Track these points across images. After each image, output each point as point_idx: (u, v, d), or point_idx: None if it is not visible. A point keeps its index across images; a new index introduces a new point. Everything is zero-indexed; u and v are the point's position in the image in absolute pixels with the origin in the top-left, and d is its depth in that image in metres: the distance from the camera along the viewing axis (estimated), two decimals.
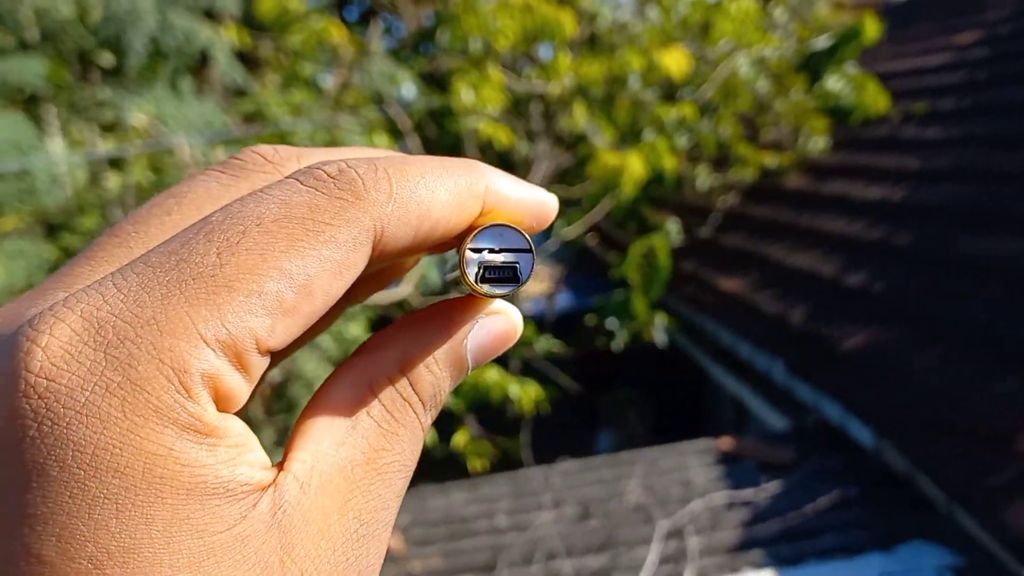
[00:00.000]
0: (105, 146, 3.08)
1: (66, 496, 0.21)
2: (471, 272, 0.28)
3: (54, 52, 3.18)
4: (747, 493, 2.33)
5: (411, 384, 0.29)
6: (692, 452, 2.68)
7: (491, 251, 0.29)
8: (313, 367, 2.96)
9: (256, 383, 0.26)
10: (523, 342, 3.80)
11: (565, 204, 4.39)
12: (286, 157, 0.32)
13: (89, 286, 0.23)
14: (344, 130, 2.74)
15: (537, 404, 3.50)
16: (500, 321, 0.32)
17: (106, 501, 0.21)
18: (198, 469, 0.23)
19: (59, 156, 2.62)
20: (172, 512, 0.22)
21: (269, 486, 0.25)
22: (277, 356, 0.29)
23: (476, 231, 0.29)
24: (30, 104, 3.17)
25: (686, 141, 4.07)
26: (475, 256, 0.28)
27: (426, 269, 3.74)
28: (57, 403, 0.22)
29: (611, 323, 3.70)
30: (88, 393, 0.22)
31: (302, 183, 0.26)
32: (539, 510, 2.51)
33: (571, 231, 4.01)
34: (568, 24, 3.31)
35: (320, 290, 0.25)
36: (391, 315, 3.81)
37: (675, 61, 3.45)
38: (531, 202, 0.31)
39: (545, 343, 3.87)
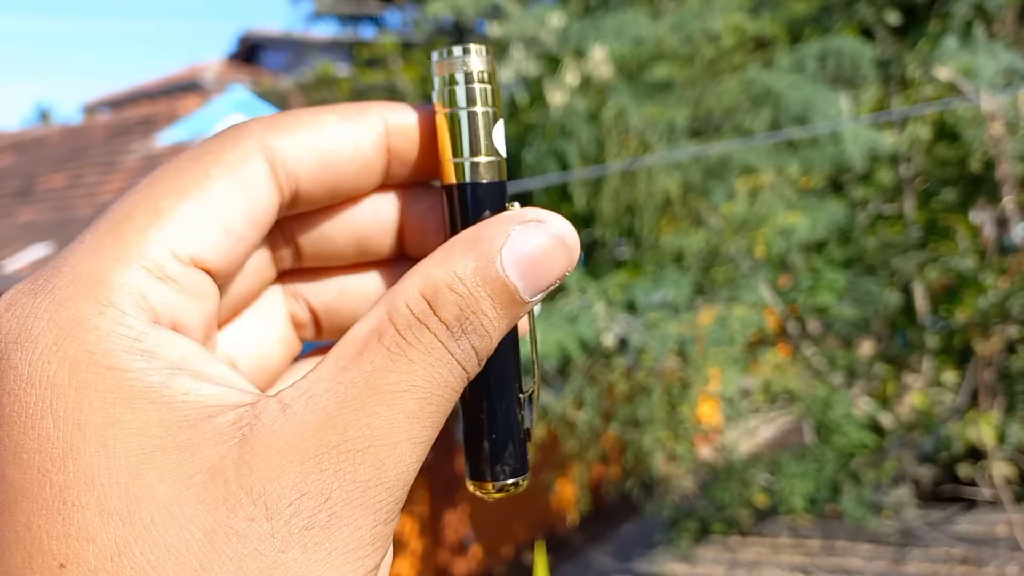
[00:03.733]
0: (897, 103, 3.16)
1: (14, 416, 0.24)
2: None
3: (847, 18, 3.35)
4: None
5: (430, 305, 0.26)
6: None
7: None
8: None
9: (202, 298, 0.28)
10: None
11: None
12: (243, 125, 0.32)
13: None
14: None
15: None
16: (538, 232, 0.27)
17: (43, 413, 0.23)
18: (124, 373, 0.24)
19: (860, 128, 2.77)
20: (101, 415, 0.23)
21: (244, 406, 0.25)
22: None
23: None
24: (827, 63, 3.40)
25: None
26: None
27: None
28: (8, 340, 0.25)
29: None
30: (19, 322, 0.25)
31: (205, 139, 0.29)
32: None
33: None
34: None
35: (215, 201, 0.27)
36: None
37: None
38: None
39: None
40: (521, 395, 0.30)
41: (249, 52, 11.83)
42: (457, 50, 0.29)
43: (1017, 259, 2.74)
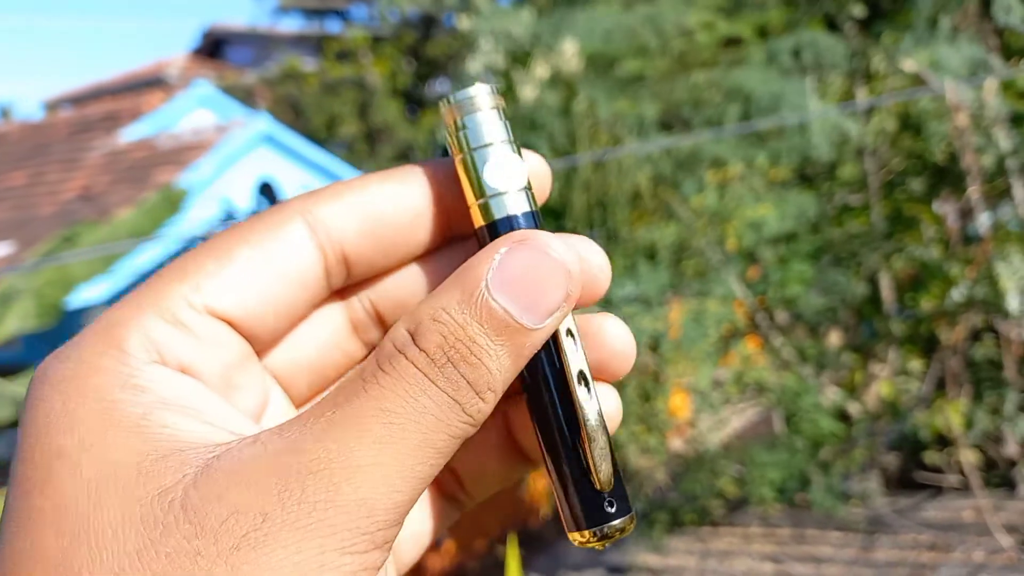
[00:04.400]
0: (862, 95, 3.19)
1: (21, 449, 0.26)
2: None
3: (814, 13, 3.38)
4: None
5: (412, 337, 0.26)
6: None
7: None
8: None
9: (219, 346, 0.29)
10: None
11: None
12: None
13: None
14: None
15: None
16: (524, 249, 0.26)
17: (37, 443, 0.26)
18: (109, 404, 0.26)
19: (826, 112, 2.80)
20: (78, 441, 0.25)
21: (222, 444, 0.26)
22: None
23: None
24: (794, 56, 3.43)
25: None
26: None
27: None
28: (38, 381, 0.27)
29: None
30: (52, 364, 0.27)
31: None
32: None
33: None
34: None
35: (242, 260, 0.29)
36: None
37: None
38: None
39: None
40: (584, 434, 0.29)
41: (213, 47, 11.70)
42: (461, 94, 0.30)
43: (981, 248, 2.79)
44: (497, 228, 0.29)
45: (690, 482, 3.41)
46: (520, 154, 0.30)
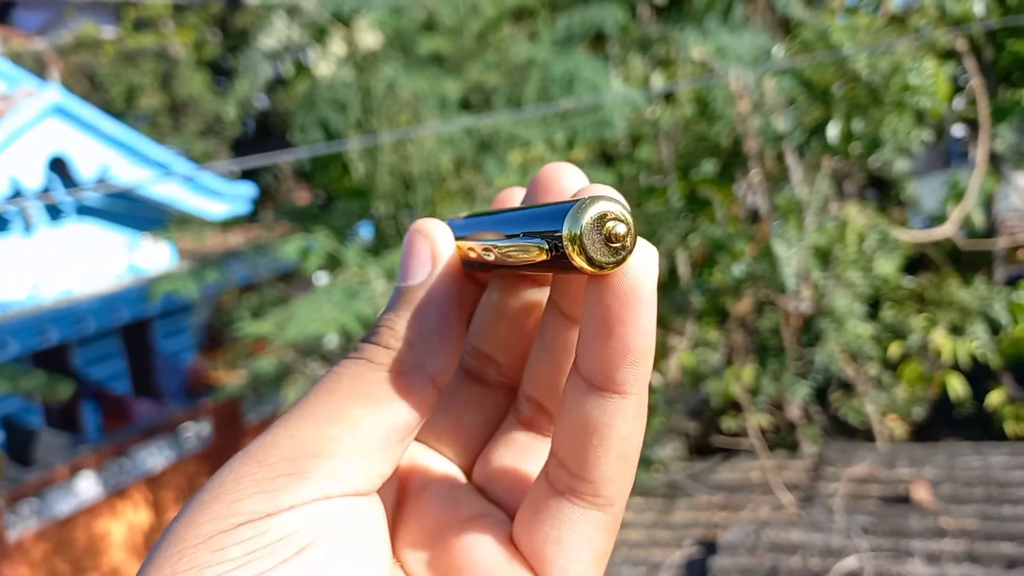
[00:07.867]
0: (658, 80, 3.32)
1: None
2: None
3: None
4: None
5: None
6: None
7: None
8: (845, 303, 2.92)
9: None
10: None
11: None
12: None
13: None
14: (902, 55, 2.58)
15: None
16: (408, 245, 0.31)
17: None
18: None
19: (622, 92, 2.89)
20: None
21: None
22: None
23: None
24: (597, 42, 3.52)
25: None
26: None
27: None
28: None
29: None
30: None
31: None
32: None
33: None
34: None
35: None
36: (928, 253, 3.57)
37: None
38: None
39: None
40: None
41: None
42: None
43: (761, 228, 2.98)
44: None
45: None
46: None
